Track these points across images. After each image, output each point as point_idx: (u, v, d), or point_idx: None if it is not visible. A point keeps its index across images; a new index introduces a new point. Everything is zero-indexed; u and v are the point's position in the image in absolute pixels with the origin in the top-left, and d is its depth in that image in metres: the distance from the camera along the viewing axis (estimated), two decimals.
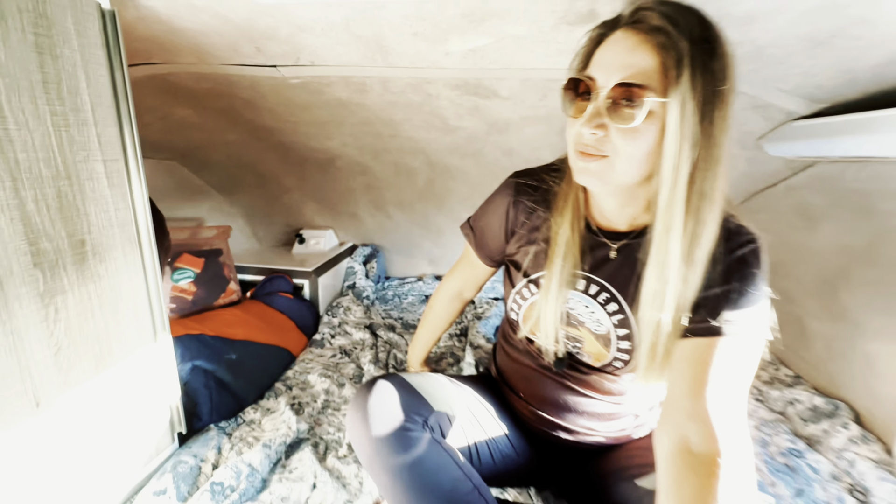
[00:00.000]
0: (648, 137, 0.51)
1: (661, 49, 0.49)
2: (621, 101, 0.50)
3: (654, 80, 0.49)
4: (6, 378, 0.57)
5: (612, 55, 0.53)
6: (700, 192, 0.53)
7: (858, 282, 1.02)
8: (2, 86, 0.55)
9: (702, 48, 0.49)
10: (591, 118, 0.53)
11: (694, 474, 0.50)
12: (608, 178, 0.56)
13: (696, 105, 0.49)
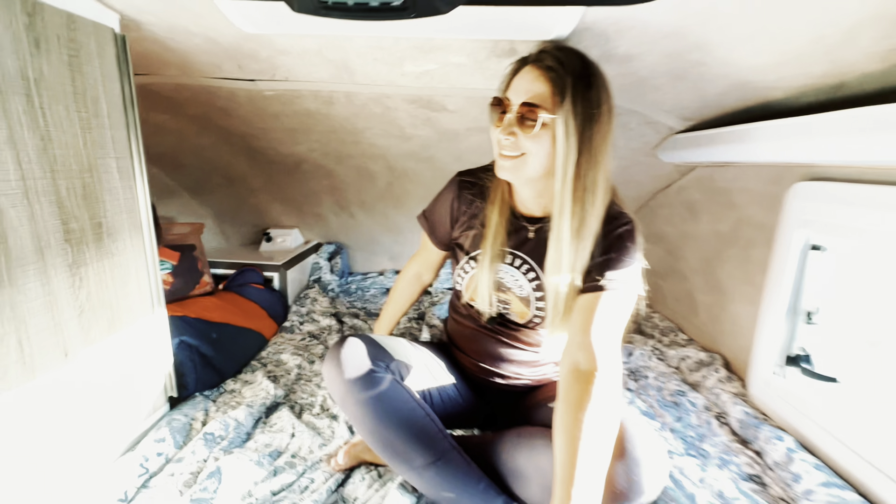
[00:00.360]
0: (546, 142, 0.74)
1: (552, 81, 0.72)
2: (525, 115, 0.73)
3: (547, 102, 0.72)
4: (44, 331, 0.70)
5: (521, 83, 0.75)
6: (584, 187, 0.76)
7: (727, 259, 1.31)
8: (46, 96, 0.69)
9: (581, 81, 0.72)
10: (505, 127, 0.75)
11: (578, 383, 0.72)
12: (520, 173, 0.78)
13: (576, 122, 0.72)
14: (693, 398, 1.16)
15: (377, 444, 0.82)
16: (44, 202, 0.70)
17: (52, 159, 0.71)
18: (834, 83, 0.83)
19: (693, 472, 0.90)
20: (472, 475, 0.81)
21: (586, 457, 0.64)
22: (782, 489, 0.86)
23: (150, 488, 0.83)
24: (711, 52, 0.89)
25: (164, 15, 0.86)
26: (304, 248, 1.98)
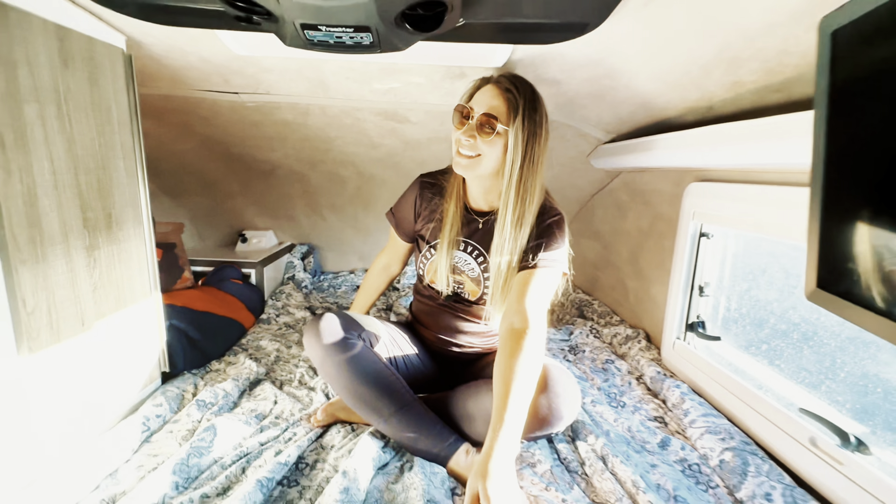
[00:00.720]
0: (497, 147, 0.94)
1: (508, 101, 0.92)
2: (484, 123, 0.92)
3: (503, 116, 0.92)
4: (67, 301, 0.84)
5: (483, 97, 0.95)
6: (524, 188, 0.96)
7: (647, 250, 1.56)
8: (71, 105, 0.83)
9: (529, 105, 0.93)
10: (467, 131, 0.94)
11: (513, 339, 0.91)
12: (475, 170, 0.97)
13: (523, 136, 0.92)
14: (619, 365, 1.39)
15: (351, 398, 0.99)
16: (68, 193, 0.83)
17: (76, 158, 0.85)
18: (705, 106, 1.08)
19: (610, 416, 1.11)
20: (430, 420, 0.98)
21: (516, 392, 0.83)
22: (676, 424, 1.09)
23: (153, 442, 0.96)
24: (619, 79, 1.13)
25: (164, 37, 1.02)
26: (278, 249, 2.11)
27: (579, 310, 1.88)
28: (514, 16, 0.76)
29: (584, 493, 0.87)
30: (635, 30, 0.85)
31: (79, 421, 0.89)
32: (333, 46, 0.75)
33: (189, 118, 1.52)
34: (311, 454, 0.97)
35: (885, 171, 0.51)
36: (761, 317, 1.26)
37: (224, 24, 0.81)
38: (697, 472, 0.92)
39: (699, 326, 1.25)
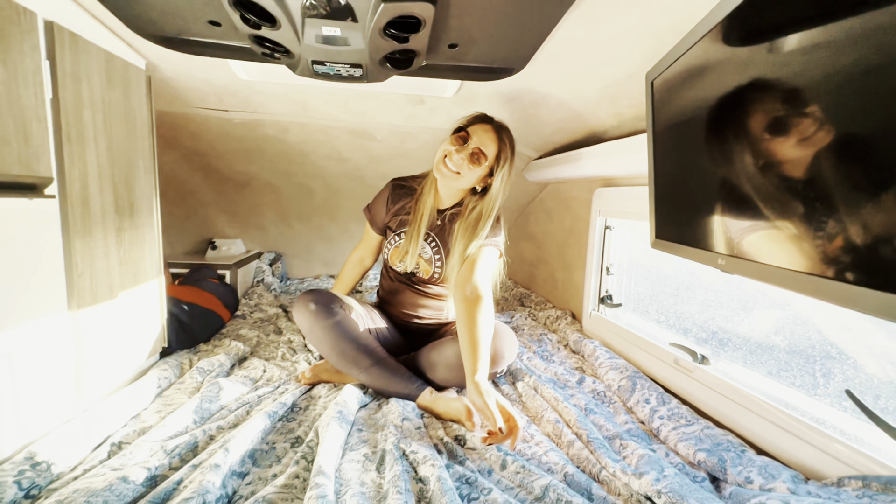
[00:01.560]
0: (477, 174, 1.24)
1: (500, 148, 1.24)
2: (478, 156, 1.22)
3: (492, 158, 1.23)
4: (102, 271, 1.02)
5: (482, 133, 1.24)
6: (496, 211, 1.27)
7: (570, 245, 1.92)
8: (112, 114, 1.04)
9: (512, 155, 1.25)
10: (462, 152, 1.22)
11: (469, 303, 1.19)
12: (454, 184, 1.26)
13: (504, 179, 1.24)
14: (550, 337, 1.71)
15: (336, 354, 1.21)
16: (107, 183, 1.03)
17: (113, 155, 1.05)
18: (602, 130, 1.46)
19: (541, 366, 1.41)
20: (401, 370, 1.23)
21: (482, 337, 1.10)
22: (591, 369, 1.41)
23: (165, 396, 1.13)
24: (540, 108, 1.49)
25: (179, 62, 1.24)
26: (247, 256, 2.28)
27: (520, 301, 2.21)
28: (462, 60, 1.09)
29: (521, 412, 1.15)
30: (546, 73, 1.21)
31: (104, 375, 1.05)
32: (333, 77, 1.03)
33: (178, 132, 1.71)
34: (303, 402, 1.18)
35: (683, 170, 0.87)
36: (685, 326, 1.66)
37: (244, 56, 1.07)
38: (603, 396, 1.24)
39: (608, 299, 1.61)
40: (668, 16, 0.84)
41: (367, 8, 0.79)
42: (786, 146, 0.54)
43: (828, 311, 1.33)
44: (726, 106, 0.68)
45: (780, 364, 1.61)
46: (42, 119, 0.83)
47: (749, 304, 2.02)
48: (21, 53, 0.78)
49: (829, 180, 0.47)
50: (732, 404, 1.02)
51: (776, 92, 0.56)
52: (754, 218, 0.61)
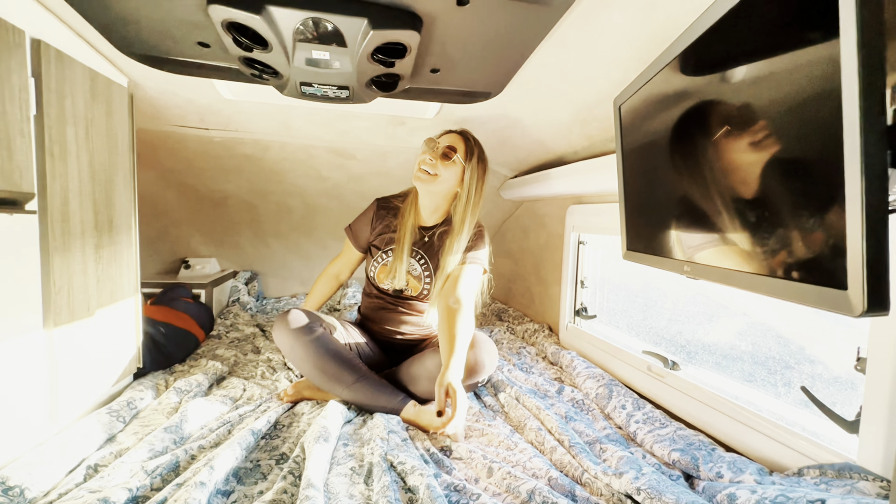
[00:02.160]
0: (453, 173, 1.29)
1: (466, 145, 1.29)
2: (447, 152, 1.27)
3: (462, 153, 1.28)
4: (80, 288, 0.99)
5: (447, 139, 1.31)
6: (473, 211, 1.32)
7: (546, 260, 1.99)
8: (94, 130, 1.04)
9: (480, 152, 1.31)
10: (433, 152, 1.27)
11: (451, 312, 1.23)
12: (432, 188, 1.30)
13: (476, 173, 1.29)
14: (529, 350, 1.76)
15: (318, 373, 1.21)
16: (87, 199, 1.02)
17: (94, 171, 1.04)
18: (573, 151, 1.55)
19: (522, 378, 1.45)
20: (384, 385, 1.24)
21: (460, 340, 1.14)
22: (569, 378, 1.46)
23: (141, 417, 1.09)
24: (515, 129, 1.57)
25: (162, 81, 1.25)
26: (221, 275, 2.23)
27: (498, 316, 2.26)
28: (443, 84, 1.15)
29: (504, 421, 1.18)
30: (522, 98, 1.29)
31: (78, 396, 1.01)
32: (320, 98, 1.07)
33: (156, 150, 1.69)
34: (286, 419, 1.17)
35: (649, 186, 0.94)
36: (655, 341, 1.74)
37: (231, 76, 1.10)
38: (582, 404, 1.28)
39: (583, 311, 1.67)
40: (632, 48, 0.92)
41: (356, 34, 0.83)
42: (733, 165, 0.61)
43: (786, 316, 1.43)
44: (683, 128, 0.76)
45: (744, 375, 1.70)
46: (26, 135, 0.82)
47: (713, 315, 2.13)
48: (8, 70, 0.78)
49: (770, 196, 0.54)
50: (702, 406, 1.08)
51: (726, 116, 0.63)
52: (713, 229, 0.68)
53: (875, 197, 0.36)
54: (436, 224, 1.41)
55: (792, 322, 1.54)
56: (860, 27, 0.37)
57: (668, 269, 0.82)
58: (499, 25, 0.85)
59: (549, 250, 1.96)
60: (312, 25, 0.82)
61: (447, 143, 1.31)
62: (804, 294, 0.45)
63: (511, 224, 2.28)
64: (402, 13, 0.81)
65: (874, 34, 0.37)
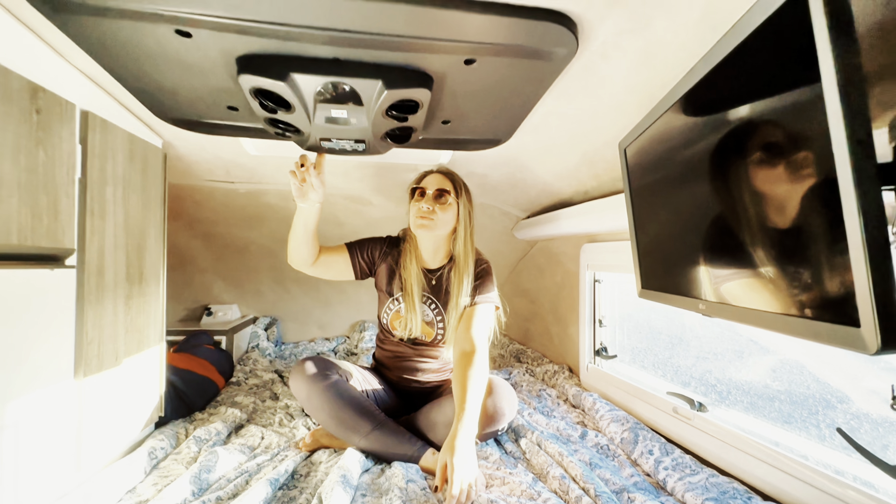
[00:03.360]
0: (450, 213, 1.32)
1: (452, 182, 1.33)
2: (440, 195, 1.31)
3: (451, 192, 1.32)
4: (110, 338, 1.03)
5: (432, 180, 1.34)
6: (471, 243, 1.34)
7: (563, 299, 1.98)
8: (130, 189, 1.12)
9: (465, 187, 1.34)
10: (427, 201, 1.31)
11: (465, 357, 1.22)
12: (434, 229, 1.33)
13: (466, 208, 1.33)
14: (549, 392, 1.71)
15: (334, 422, 1.20)
16: (121, 253, 1.08)
17: (128, 227, 1.11)
18: (583, 191, 1.58)
19: (543, 422, 1.41)
20: (402, 432, 1.22)
21: (472, 392, 1.13)
22: (592, 422, 1.41)
23: (161, 468, 1.10)
24: (526, 173, 1.62)
25: (193, 140, 1.35)
26: (242, 321, 2.28)
27: (516, 357, 2.22)
28: (454, 134, 1.20)
29: (526, 469, 1.14)
30: (531, 143, 1.34)
31: (103, 445, 1.03)
32: (338, 151, 1.14)
33: (184, 202, 1.79)
34: (304, 468, 1.16)
35: (659, 224, 0.96)
36: (683, 380, 1.69)
37: (256, 135, 1.18)
38: (607, 449, 1.23)
39: (603, 351, 1.64)
40: (632, 94, 0.96)
41: (371, 94, 0.90)
42: (738, 203, 0.62)
43: (820, 353, 1.37)
44: (689, 168, 0.78)
45: (781, 415, 1.62)
46: (70, 195, 0.89)
47: (742, 352, 2.05)
48: (59, 139, 0.86)
49: (778, 233, 0.55)
50: (734, 450, 1.03)
51: (728, 155, 0.65)
52: (724, 266, 0.68)
53: (874, 234, 0.37)
54: (440, 265, 1.42)
55: (827, 359, 1.48)
56: (839, 72, 0.40)
57: (684, 306, 0.82)
58: (504, 80, 0.91)
59: (565, 289, 1.95)
60: (331, 88, 0.89)
61: (436, 186, 1.31)
62: (818, 332, 0.45)
63: (526, 263, 2.29)
64: (413, 73, 0.88)
65: (854, 80, 0.39)
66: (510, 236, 2.12)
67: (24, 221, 0.77)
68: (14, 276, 0.79)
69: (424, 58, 0.83)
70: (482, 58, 0.82)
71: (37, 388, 0.83)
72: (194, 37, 0.77)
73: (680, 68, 0.84)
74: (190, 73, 0.89)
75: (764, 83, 0.57)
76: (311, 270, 1.41)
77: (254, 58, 0.83)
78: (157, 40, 0.77)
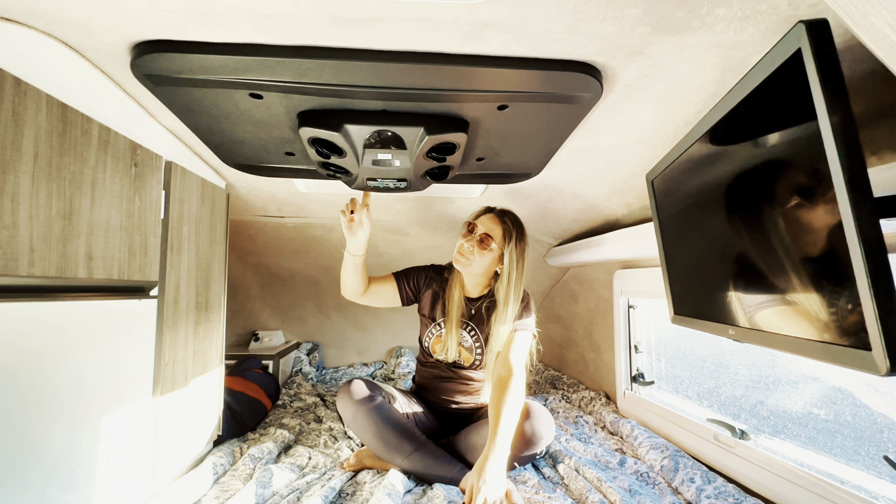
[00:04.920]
0: (488, 258, 1.39)
1: (504, 229, 1.40)
2: (483, 240, 1.39)
3: (498, 239, 1.39)
4: (181, 361, 1.15)
5: (485, 221, 1.42)
6: (517, 288, 1.39)
7: (597, 325, 1.99)
8: (201, 227, 1.26)
9: (519, 233, 1.41)
10: (469, 240, 1.39)
11: (501, 382, 1.27)
12: (468, 269, 1.41)
13: (515, 255, 1.39)
14: (586, 419, 1.71)
15: (378, 442, 1.27)
16: (192, 284, 1.21)
17: (199, 260, 1.25)
18: (615, 219, 1.62)
19: (581, 448, 1.41)
20: (442, 454, 1.27)
21: (506, 416, 1.16)
22: (630, 449, 1.40)
23: (221, 483, 1.19)
24: (556, 203, 1.68)
25: (252, 181, 1.50)
26: (286, 346, 2.40)
27: (552, 384, 2.22)
28: (487, 169, 1.29)
29: (564, 494, 1.15)
30: (561, 175, 1.40)
31: (173, 460, 1.13)
32: (382, 189, 1.25)
33: (239, 236, 1.96)
34: (349, 487, 1.22)
35: (688, 252, 1.00)
36: (732, 412, 1.66)
37: (309, 176, 1.31)
38: (647, 477, 1.23)
39: (640, 377, 1.63)
40: (657, 130, 1.03)
41: (414, 139, 1.00)
42: (762, 231, 0.66)
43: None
44: (716, 197, 0.83)
45: (846, 451, 1.55)
46: (157, 235, 1.03)
47: (797, 382, 1.98)
48: (150, 187, 1.01)
49: (796, 260, 0.59)
50: (780, 480, 1.01)
51: (753, 187, 0.70)
52: (754, 293, 0.72)
53: (875, 262, 0.41)
54: (481, 295, 1.48)
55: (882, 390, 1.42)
56: (833, 116, 0.45)
57: (715, 332, 0.84)
58: (534, 122, 0.99)
59: (599, 315, 1.96)
60: (378, 135, 1.00)
61: (484, 230, 1.37)
62: (837, 355, 0.49)
63: (559, 290, 2.31)
64: (452, 120, 0.98)
65: (846, 123, 0.44)
66: (543, 263, 2.17)
67: (123, 258, 0.91)
68: (113, 305, 0.92)
69: (462, 106, 0.92)
70: (514, 104, 0.91)
71: (124, 404, 0.95)
72: (265, 98, 0.90)
73: (700, 106, 0.90)
74: (257, 127, 1.02)
75: (775, 123, 0.62)
76: (362, 300, 1.54)
77: (313, 112, 0.95)
78: (235, 102, 0.91)
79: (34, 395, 0.75)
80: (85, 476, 0.85)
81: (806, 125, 0.53)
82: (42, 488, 0.75)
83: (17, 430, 0.72)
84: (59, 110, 0.75)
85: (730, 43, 0.70)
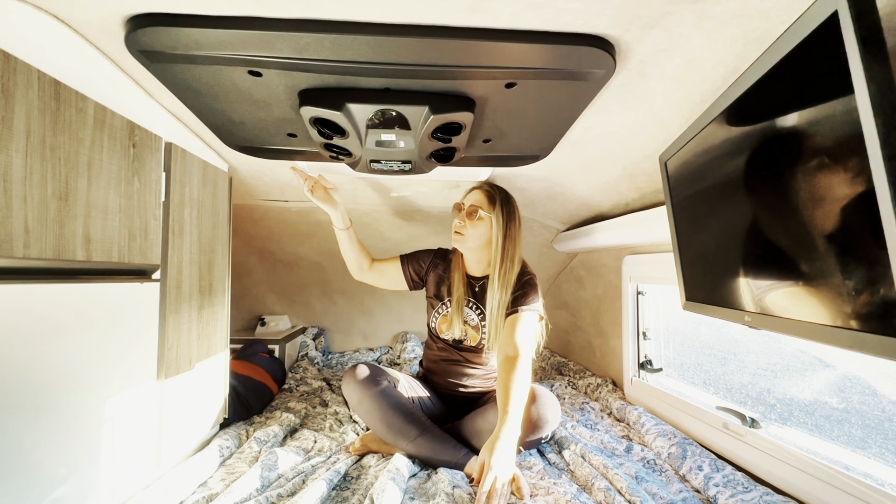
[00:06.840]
0: (480, 228, 1.37)
1: (487, 196, 1.38)
2: (471, 212, 1.37)
3: (484, 206, 1.37)
4: (185, 345, 1.15)
5: (471, 196, 1.41)
6: (506, 256, 1.38)
7: (604, 311, 1.96)
8: (204, 210, 1.24)
9: (503, 199, 1.39)
10: (460, 217, 1.38)
11: (509, 362, 1.25)
12: (464, 244, 1.39)
13: (502, 219, 1.37)
14: (592, 405, 1.70)
15: (383, 426, 1.27)
16: (194, 268, 1.20)
17: (201, 244, 1.23)
18: (624, 203, 1.58)
19: (587, 434, 1.40)
20: (447, 439, 1.26)
21: (515, 396, 1.15)
22: (637, 436, 1.39)
23: (227, 465, 1.19)
24: (565, 186, 1.64)
25: (255, 164, 1.47)
26: (292, 331, 2.41)
27: (558, 370, 2.21)
28: (494, 152, 1.26)
29: (570, 480, 1.15)
30: (570, 158, 1.36)
31: (179, 443, 1.14)
32: (386, 171, 1.22)
33: (243, 221, 1.94)
34: (354, 471, 1.22)
35: (703, 236, 0.97)
36: (738, 399, 1.64)
37: (312, 158, 1.28)
38: (654, 464, 1.21)
39: (647, 364, 1.61)
40: (672, 109, 0.98)
41: (418, 119, 0.97)
42: (784, 211, 0.63)
43: None
44: (734, 178, 0.79)
45: (852, 439, 1.53)
46: (157, 218, 1.02)
47: (806, 370, 1.95)
48: (150, 169, 0.99)
49: (822, 244, 0.55)
50: (790, 469, 1.00)
51: (775, 165, 0.66)
52: (772, 277, 0.68)
53: None
54: (483, 274, 1.47)
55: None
56: (872, 89, 0.42)
57: (729, 319, 0.82)
58: (543, 100, 0.95)
59: (606, 301, 1.94)
60: (381, 114, 0.97)
61: (471, 202, 1.39)
62: (864, 343, 0.46)
63: (566, 275, 2.28)
64: (458, 98, 0.94)
65: (886, 95, 0.41)
66: (550, 249, 2.14)
67: (123, 241, 0.89)
68: (114, 288, 0.91)
69: (468, 84, 0.89)
70: (522, 81, 0.87)
71: (129, 387, 0.95)
72: (264, 76, 0.87)
73: (719, 83, 0.85)
74: (257, 106, 0.99)
75: (803, 98, 0.58)
76: (367, 277, 1.59)
77: (314, 91, 0.92)
78: (233, 80, 0.88)
79: (38, 376, 0.74)
80: (91, 457, 0.85)
81: (838, 98, 0.49)
82: (49, 468, 0.75)
83: (23, 412, 0.71)
84: (51, 87, 0.73)
85: (755, 12, 0.66)
